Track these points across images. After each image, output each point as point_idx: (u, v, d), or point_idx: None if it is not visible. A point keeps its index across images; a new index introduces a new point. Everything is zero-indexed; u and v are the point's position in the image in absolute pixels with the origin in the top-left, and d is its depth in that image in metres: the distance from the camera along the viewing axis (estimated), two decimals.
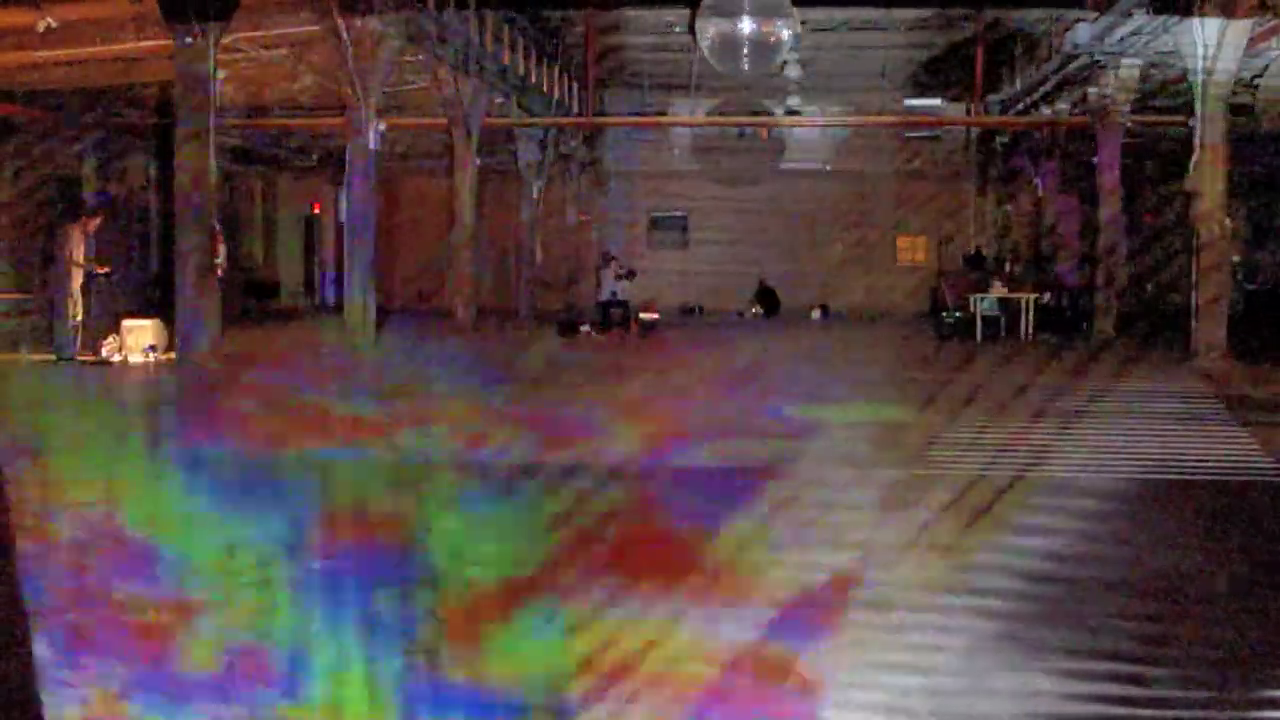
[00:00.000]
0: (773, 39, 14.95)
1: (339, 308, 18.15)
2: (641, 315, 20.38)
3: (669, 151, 29.46)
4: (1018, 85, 23.52)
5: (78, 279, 13.17)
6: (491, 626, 4.02)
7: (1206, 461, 7.79)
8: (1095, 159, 19.53)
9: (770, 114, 26.41)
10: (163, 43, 12.12)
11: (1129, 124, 18.93)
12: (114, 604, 4.21)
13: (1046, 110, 21.92)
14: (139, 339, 13.59)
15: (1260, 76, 15.45)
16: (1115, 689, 3.60)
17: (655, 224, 30.11)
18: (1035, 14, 21.36)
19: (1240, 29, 13.94)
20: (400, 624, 4.05)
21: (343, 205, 17.49)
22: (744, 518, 5.59)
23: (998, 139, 26.66)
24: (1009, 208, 26.78)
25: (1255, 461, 7.66)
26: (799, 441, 8.02)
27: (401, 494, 6.20)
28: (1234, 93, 14.69)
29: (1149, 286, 27.09)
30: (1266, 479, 7.12)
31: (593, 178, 28.89)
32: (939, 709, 3.35)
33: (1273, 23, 14.31)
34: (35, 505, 5.27)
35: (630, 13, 23.21)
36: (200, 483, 6.30)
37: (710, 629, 3.98)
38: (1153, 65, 17.85)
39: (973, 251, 24.62)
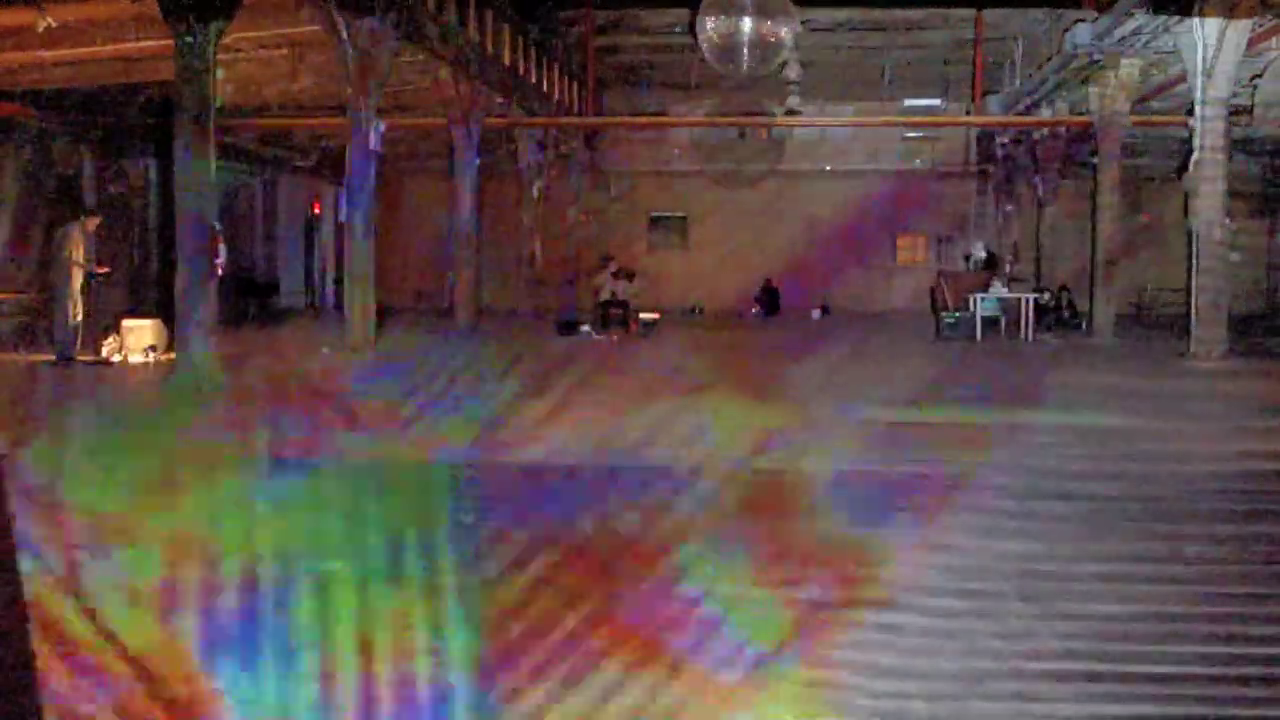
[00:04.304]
0: (773, 39, 14.94)
1: (339, 307, 18.18)
2: (641, 315, 20.37)
3: (669, 151, 29.49)
4: (1018, 84, 23.55)
5: (78, 279, 13.16)
6: None
7: None
8: (1095, 159, 19.55)
9: (770, 114, 26.43)
10: (163, 43, 12.13)
11: (1129, 124, 18.94)
12: None
13: (1046, 110, 21.94)
14: (139, 339, 13.59)
15: (1260, 76, 15.46)
16: None
17: (655, 224, 30.13)
18: (1035, 14, 21.43)
19: (1240, 29, 13.95)
20: None
21: (343, 205, 17.48)
22: None
23: (998, 139, 26.68)
24: (1009, 207, 26.79)
25: None
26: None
27: None
28: (1234, 93, 14.71)
29: (1148, 286, 27.15)
30: None
31: (593, 178, 28.90)
32: None
33: (1273, 23, 14.33)
34: None
35: (630, 13, 23.25)
36: None
37: None
38: (1153, 65, 17.88)
39: (982, 253, 24.64)
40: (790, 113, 25.17)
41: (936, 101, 28.63)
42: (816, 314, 26.41)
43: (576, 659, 3.67)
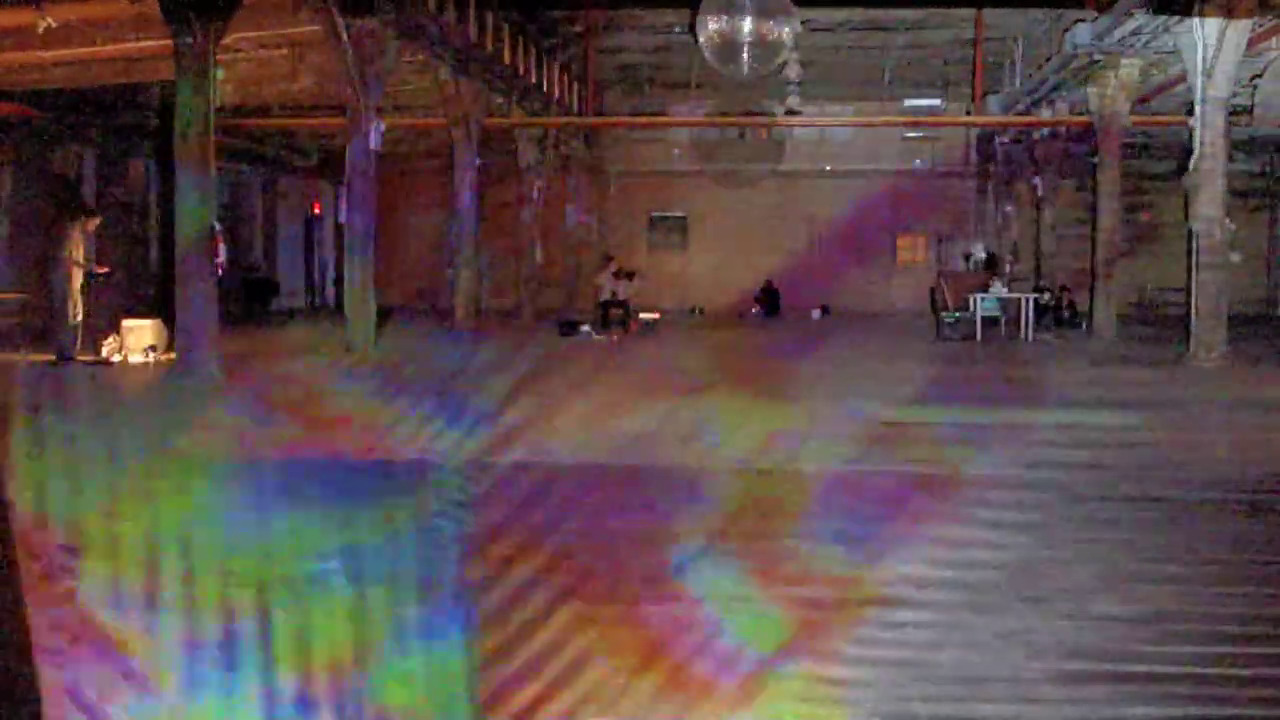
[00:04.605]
0: (773, 39, 14.93)
1: (339, 307, 18.17)
2: (641, 315, 20.38)
3: (669, 151, 29.48)
4: (1018, 85, 23.55)
5: (78, 279, 13.16)
6: None
7: None
8: (1095, 159, 19.55)
9: (770, 114, 26.43)
10: (163, 43, 12.13)
11: (1129, 124, 18.94)
12: None
13: (1046, 110, 21.94)
14: (139, 339, 13.59)
15: (1260, 76, 15.46)
16: None
17: (655, 224, 30.13)
18: (1035, 14, 21.43)
19: (1240, 29, 13.95)
20: None
21: (343, 205, 17.49)
22: None
23: (998, 139, 26.68)
24: (1009, 208, 26.80)
25: None
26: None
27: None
28: (1234, 93, 14.71)
29: (1149, 286, 27.16)
30: None
31: (593, 178, 28.90)
32: None
33: (1273, 23, 14.32)
34: None
35: (630, 13, 23.24)
36: None
37: None
38: (1153, 65, 17.87)
39: (982, 254, 24.64)
40: (790, 113, 25.17)
41: (936, 101, 28.62)
42: (817, 314, 26.41)
43: (571, 658, 3.66)
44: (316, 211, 29.42)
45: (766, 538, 5.27)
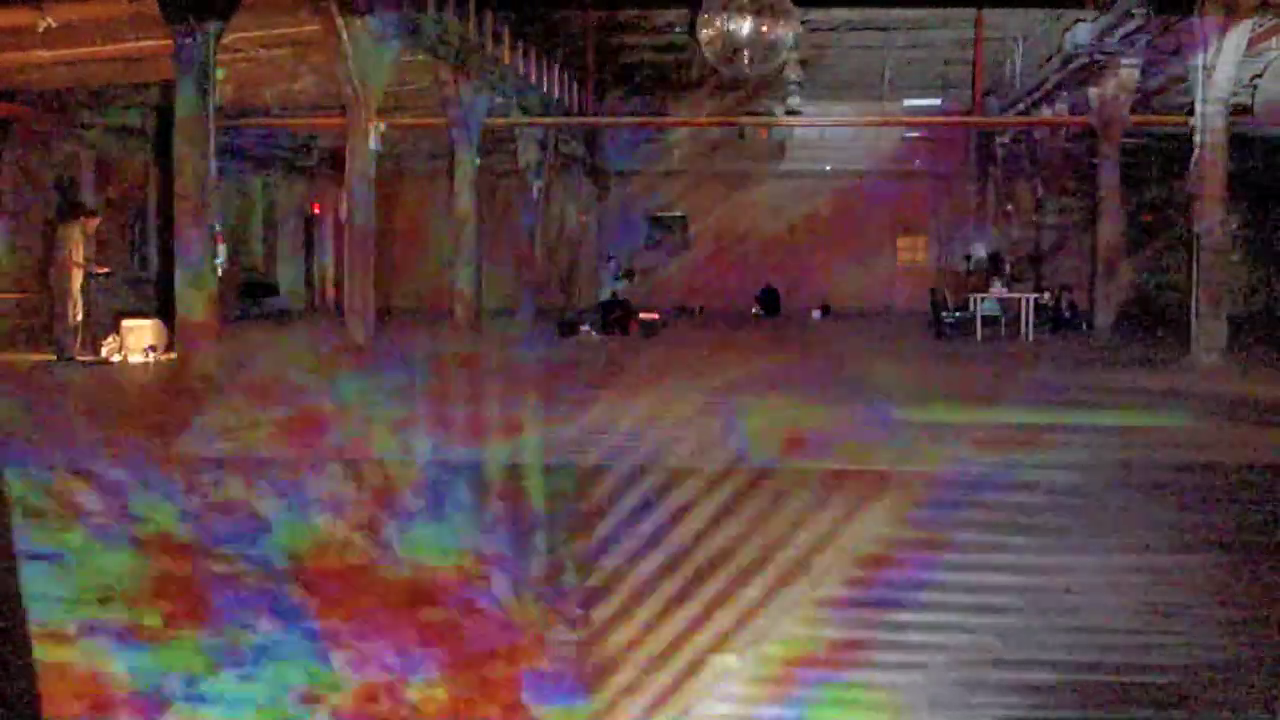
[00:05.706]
0: (773, 39, 14.93)
1: (339, 308, 18.17)
2: (641, 316, 20.37)
3: (669, 151, 29.48)
4: (1018, 85, 23.56)
5: (78, 279, 13.17)
6: None
7: None
8: (1095, 159, 19.56)
9: (770, 114, 26.42)
10: (163, 43, 12.14)
11: (1129, 124, 18.94)
12: None
13: (1046, 110, 21.95)
14: (139, 339, 13.60)
15: (1260, 76, 15.46)
16: None
17: (655, 224, 30.12)
18: (1035, 14, 21.45)
19: (1240, 29, 13.95)
20: None
21: (343, 205, 17.50)
22: None
23: (998, 139, 26.68)
24: (1009, 207, 26.80)
25: None
26: None
27: None
28: (1234, 93, 14.71)
29: (1149, 286, 27.15)
30: None
31: (593, 178, 28.90)
32: None
33: (1273, 23, 14.32)
34: None
35: (630, 13, 23.26)
36: None
37: None
38: (1152, 65, 17.88)
39: (982, 253, 24.65)
40: (790, 113, 25.17)
41: (936, 101, 28.63)
42: (817, 314, 26.40)
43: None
44: (316, 211, 29.41)
45: None
